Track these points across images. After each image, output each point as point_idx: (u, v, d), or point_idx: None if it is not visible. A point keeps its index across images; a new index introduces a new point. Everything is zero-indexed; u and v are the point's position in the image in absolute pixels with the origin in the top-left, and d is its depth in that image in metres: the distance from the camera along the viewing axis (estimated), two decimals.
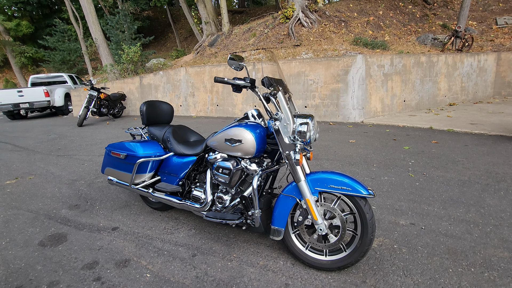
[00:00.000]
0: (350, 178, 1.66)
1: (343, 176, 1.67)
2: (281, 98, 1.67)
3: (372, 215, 1.62)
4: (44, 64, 21.41)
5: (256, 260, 1.87)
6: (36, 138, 6.51)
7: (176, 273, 1.78)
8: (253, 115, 1.95)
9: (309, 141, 1.72)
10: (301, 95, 7.03)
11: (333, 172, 1.71)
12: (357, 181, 1.65)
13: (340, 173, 1.70)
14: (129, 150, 2.20)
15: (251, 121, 1.91)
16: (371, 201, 2.56)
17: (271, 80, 1.69)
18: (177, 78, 8.80)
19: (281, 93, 1.68)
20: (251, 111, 1.96)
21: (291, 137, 1.66)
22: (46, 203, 2.89)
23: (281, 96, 1.67)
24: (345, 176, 1.66)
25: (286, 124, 1.66)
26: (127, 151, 2.21)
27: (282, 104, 1.67)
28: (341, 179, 1.64)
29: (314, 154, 4.20)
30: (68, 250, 2.06)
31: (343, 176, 1.67)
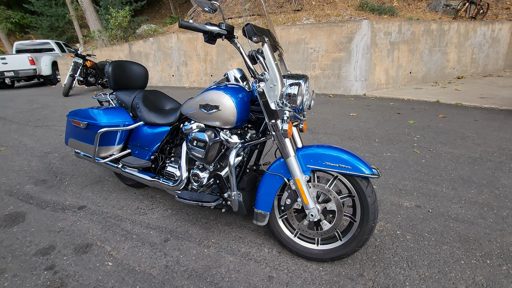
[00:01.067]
0: (350, 153, 1.35)
1: (342, 151, 1.36)
2: (267, 52, 1.31)
3: (374, 199, 1.34)
4: (32, 31, 20.28)
5: (238, 247, 1.62)
6: (17, 108, 6.12)
7: (143, 261, 1.53)
8: (235, 76, 1.60)
9: (301, 108, 1.39)
10: (300, 65, 6.55)
11: (329, 147, 1.39)
12: (358, 157, 1.34)
13: (338, 148, 1.39)
14: (90, 118, 1.86)
15: (232, 83, 1.56)
16: (373, 181, 2.28)
17: (255, 29, 1.31)
18: (168, 46, 8.20)
19: (267, 45, 1.31)
20: (233, 71, 1.60)
21: (279, 102, 1.32)
22: (11, 177, 2.60)
23: (267, 49, 1.31)
24: (344, 152, 1.35)
25: (273, 86, 1.32)
26: (88, 119, 1.87)
27: (268, 59, 1.31)
28: (339, 154, 1.33)
29: (310, 127, 3.88)
30: (23, 232, 1.80)
31: (341, 151, 1.36)
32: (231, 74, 1.59)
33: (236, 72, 1.60)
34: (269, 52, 1.31)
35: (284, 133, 1.27)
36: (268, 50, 1.31)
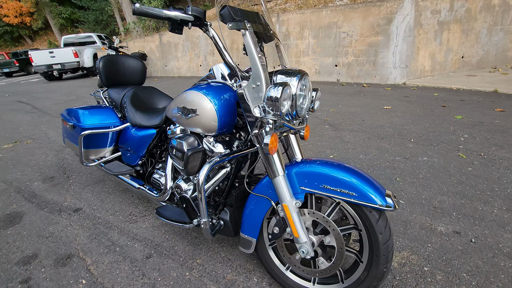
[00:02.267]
0: (359, 175, 1.02)
1: (348, 171, 1.03)
2: (248, 42, 1.01)
3: (388, 237, 1.00)
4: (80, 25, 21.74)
5: (224, 272, 1.39)
6: (55, 100, 6.51)
7: (118, 281, 1.38)
8: (222, 73, 1.32)
9: (295, 114, 1.08)
10: (331, 51, 5.99)
11: (331, 164, 1.08)
12: (369, 180, 1.02)
13: (346, 166, 1.07)
14: (75, 119, 1.74)
15: (217, 81, 1.29)
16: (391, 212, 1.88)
17: (236, 12, 1.02)
18: (196, 35, 8.09)
19: (248, 32, 1.02)
20: (219, 65, 1.32)
21: (265, 106, 1.02)
22: (25, 172, 2.66)
23: (248, 37, 1.01)
24: (350, 172, 1.03)
25: (255, 86, 1.02)
26: (73, 120, 1.75)
27: (250, 50, 1.02)
28: (342, 176, 1.01)
29: (334, 122, 3.47)
30: (15, 235, 1.77)
31: (347, 171, 1.03)
32: (217, 69, 1.32)
33: (223, 67, 1.32)
34: (250, 41, 1.01)
35: (265, 148, 0.98)
36: (249, 39, 1.01)
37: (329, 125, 3.42)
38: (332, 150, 2.70)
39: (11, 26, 24.27)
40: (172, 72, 9.02)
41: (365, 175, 1.05)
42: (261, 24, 1.17)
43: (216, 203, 1.38)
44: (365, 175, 1.05)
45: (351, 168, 1.07)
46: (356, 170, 1.06)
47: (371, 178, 1.05)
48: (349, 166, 1.08)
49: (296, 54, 6.47)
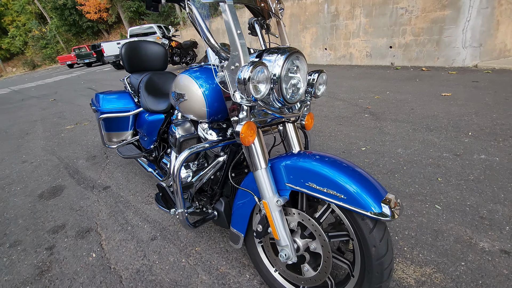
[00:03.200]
0: (354, 174, 0.85)
1: (341, 168, 0.86)
2: (228, 16, 0.90)
3: (384, 251, 0.82)
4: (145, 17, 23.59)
5: (218, 264, 1.35)
6: (116, 87, 7.21)
7: (122, 259, 1.45)
8: None
9: (282, 100, 0.94)
10: (385, 31, 5.35)
11: (325, 159, 0.91)
12: (366, 181, 0.84)
13: (340, 162, 0.90)
14: (97, 103, 1.84)
15: (208, 63, 1.20)
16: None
17: None
18: (241, 21, 7.99)
19: (228, 6, 0.90)
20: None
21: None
22: (76, 151, 3.00)
23: (228, 12, 0.90)
24: (344, 169, 0.86)
25: (234, 67, 0.91)
26: (95, 104, 1.86)
27: (228, 26, 0.91)
28: (332, 174, 0.85)
29: (377, 111, 3.09)
30: (53, 206, 2.00)
31: (340, 168, 0.86)
32: (211, 52, 1.23)
33: None
34: (229, 16, 0.90)
35: (237, 138, 0.87)
36: (229, 14, 0.90)
37: (370, 113, 3.06)
38: (366, 142, 2.41)
39: (92, 22, 27.42)
40: None
41: (363, 174, 0.87)
42: None
43: (213, 192, 1.33)
44: (363, 174, 0.87)
45: (348, 165, 0.89)
46: (353, 168, 0.88)
47: (370, 178, 0.86)
48: (347, 163, 0.91)
49: (345, 35, 5.95)
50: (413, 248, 1.30)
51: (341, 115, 3.12)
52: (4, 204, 2.09)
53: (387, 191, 0.85)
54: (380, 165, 2.02)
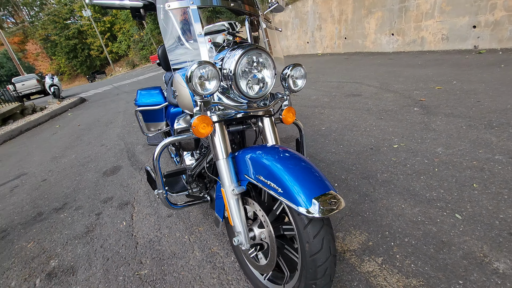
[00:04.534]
0: (298, 167, 0.86)
1: (287, 161, 0.88)
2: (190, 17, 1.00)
3: (318, 249, 0.81)
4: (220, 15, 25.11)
5: (212, 244, 1.49)
6: None
7: (142, 230, 1.73)
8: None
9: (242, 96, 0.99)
10: (468, 8, 4.50)
11: (276, 152, 0.94)
12: (308, 176, 0.84)
13: (289, 155, 0.92)
14: (136, 98, 2.17)
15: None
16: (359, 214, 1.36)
17: None
18: (304, 10, 7.83)
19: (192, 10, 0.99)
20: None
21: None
22: (138, 138, 3.55)
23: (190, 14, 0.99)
24: (289, 163, 0.87)
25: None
26: (136, 99, 2.19)
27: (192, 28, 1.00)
28: (275, 167, 0.87)
29: (431, 103, 2.72)
30: (110, 181, 2.47)
31: (286, 161, 0.88)
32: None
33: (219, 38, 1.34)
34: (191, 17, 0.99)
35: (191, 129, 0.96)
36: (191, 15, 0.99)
37: (421, 107, 2.70)
38: (403, 138, 2.17)
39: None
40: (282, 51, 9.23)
41: (308, 170, 0.86)
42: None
43: (209, 179, 1.46)
44: (308, 170, 0.86)
45: (297, 160, 0.90)
46: (300, 164, 0.88)
47: (314, 174, 0.85)
48: (297, 158, 0.91)
49: (416, 18, 5.22)
50: (406, 257, 1.18)
51: (385, 109, 2.84)
52: (80, 178, 2.68)
53: (330, 189, 0.83)
54: (408, 164, 1.81)
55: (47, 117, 6.95)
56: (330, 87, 4.03)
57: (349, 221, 1.45)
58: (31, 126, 6.22)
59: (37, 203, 2.35)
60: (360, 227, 1.39)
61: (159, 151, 1.15)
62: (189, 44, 1.02)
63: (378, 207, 1.50)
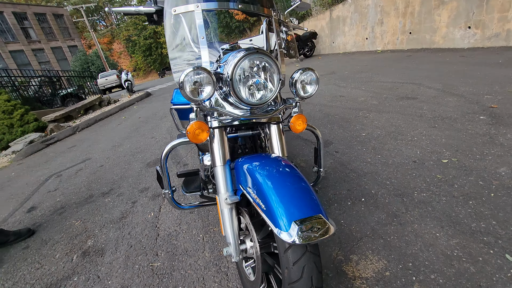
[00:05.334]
0: (286, 185, 0.79)
1: (278, 177, 0.82)
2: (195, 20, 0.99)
3: (298, 277, 0.73)
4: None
5: (222, 246, 1.49)
6: None
7: (165, 223, 1.83)
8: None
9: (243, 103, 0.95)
10: None
11: (271, 164, 0.88)
12: (295, 196, 0.77)
13: (283, 169, 0.85)
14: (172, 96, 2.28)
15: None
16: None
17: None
18: (365, 4, 7.26)
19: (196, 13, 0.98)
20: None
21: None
22: None
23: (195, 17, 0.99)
24: (277, 180, 0.81)
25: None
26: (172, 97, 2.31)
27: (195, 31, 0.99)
28: (265, 182, 0.82)
29: (504, 111, 2.26)
30: (150, 172, 2.67)
31: (277, 177, 0.83)
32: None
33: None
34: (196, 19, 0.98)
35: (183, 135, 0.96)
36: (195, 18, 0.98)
37: (490, 115, 2.26)
38: (457, 152, 1.84)
39: (239, 22, 31.50)
40: (338, 49, 8.73)
41: (298, 189, 0.79)
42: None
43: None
44: (298, 189, 0.79)
45: (290, 175, 0.83)
46: (293, 180, 0.82)
47: (306, 194, 0.78)
48: (291, 174, 0.84)
49: (501, 7, 4.38)
50: None
51: (442, 115, 2.45)
52: (128, 166, 2.97)
53: (318, 212, 0.74)
54: (456, 185, 1.53)
55: (117, 109, 7.89)
56: (383, 88, 3.67)
57: (368, 243, 1.29)
58: (104, 116, 7.14)
59: (91, 186, 2.68)
60: (380, 252, 1.23)
61: (166, 152, 1.19)
62: (192, 48, 1.02)
63: (406, 231, 1.30)
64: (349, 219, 1.46)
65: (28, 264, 1.71)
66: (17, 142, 5.45)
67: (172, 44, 1.03)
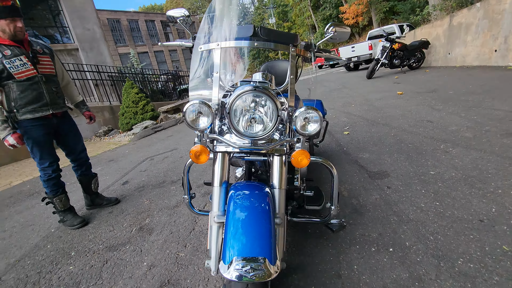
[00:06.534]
0: (251, 219, 0.86)
1: (246, 207, 0.90)
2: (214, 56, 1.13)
3: None
4: (396, 16, 22.91)
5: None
6: (326, 87, 8.04)
7: (203, 218, 2.07)
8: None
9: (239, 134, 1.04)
10: None
11: (251, 195, 0.96)
12: (257, 234, 0.84)
13: (257, 207, 0.92)
14: None
15: None
16: None
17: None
18: (499, 9, 5.85)
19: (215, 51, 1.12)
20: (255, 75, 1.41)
21: None
22: None
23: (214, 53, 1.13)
24: (246, 211, 0.89)
25: None
26: None
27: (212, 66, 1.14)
28: (234, 209, 0.91)
29: None
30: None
31: (246, 207, 0.91)
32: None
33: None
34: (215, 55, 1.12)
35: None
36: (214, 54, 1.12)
37: None
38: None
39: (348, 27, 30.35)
40: (454, 61, 7.30)
41: (259, 227, 0.84)
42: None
43: None
44: (259, 227, 0.84)
45: (259, 211, 0.89)
46: (258, 217, 0.87)
47: (263, 234, 0.82)
48: (262, 210, 0.89)
49: None
50: None
51: None
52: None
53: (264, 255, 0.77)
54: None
55: None
56: (489, 118, 2.96)
57: None
58: None
59: (167, 174, 3.23)
60: None
61: (187, 165, 1.38)
62: (207, 81, 1.16)
63: None
64: (364, 267, 1.33)
65: (106, 225, 2.26)
66: (137, 127, 6.94)
67: (194, 76, 1.20)
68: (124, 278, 1.59)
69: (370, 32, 14.35)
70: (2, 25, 1.86)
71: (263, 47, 1.13)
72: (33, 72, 2.01)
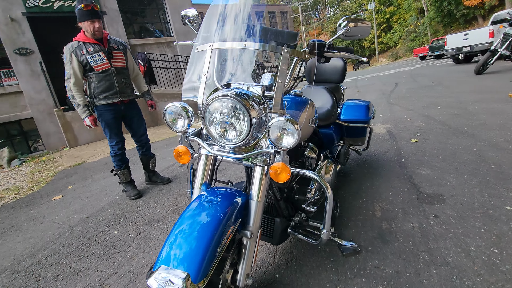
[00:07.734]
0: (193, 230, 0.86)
1: (197, 215, 0.90)
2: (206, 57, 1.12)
3: None
4: None
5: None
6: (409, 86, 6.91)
7: None
8: None
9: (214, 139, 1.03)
10: None
11: (211, 205, 0.95)
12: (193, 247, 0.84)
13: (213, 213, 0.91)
14: None
15: None
16: None
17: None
18: None
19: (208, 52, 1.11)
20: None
21: None
22: None
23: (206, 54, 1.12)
24: (193, 221, 0.89)
25: None
26: None
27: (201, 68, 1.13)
28: (182, 215, 0.92)
29: None
30: None
31: (198, 215, 0.91)
32: None
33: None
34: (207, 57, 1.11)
35: None
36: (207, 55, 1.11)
37: None
38: None
39: (468, 8, 24.53)
40: None
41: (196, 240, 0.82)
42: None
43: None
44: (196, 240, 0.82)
45: (205, 225, 0.87)
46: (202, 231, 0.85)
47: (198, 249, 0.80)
48: (212, 223, 0.87)
49: None
50: None
51: None
52: None
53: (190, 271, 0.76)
54: None
55: None
56: None
57: None
58: None
59: None
60: None
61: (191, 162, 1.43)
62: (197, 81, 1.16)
63: None
64: None
65: (153, 201, 2.58)
66: None
67: (188, 75, 1.21)
68: (145, 251, 1.80)
69: (495, 15, 11.25)
70: (85, 26, 2.29)
71: (253, 48, 1.06)
72: (107, 65, 2.41)
